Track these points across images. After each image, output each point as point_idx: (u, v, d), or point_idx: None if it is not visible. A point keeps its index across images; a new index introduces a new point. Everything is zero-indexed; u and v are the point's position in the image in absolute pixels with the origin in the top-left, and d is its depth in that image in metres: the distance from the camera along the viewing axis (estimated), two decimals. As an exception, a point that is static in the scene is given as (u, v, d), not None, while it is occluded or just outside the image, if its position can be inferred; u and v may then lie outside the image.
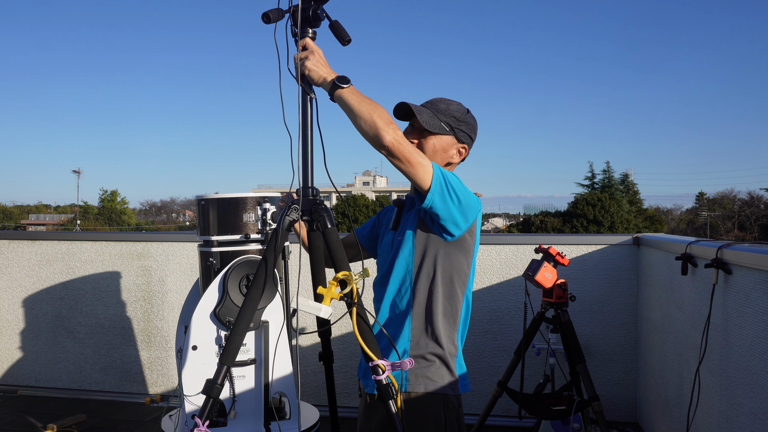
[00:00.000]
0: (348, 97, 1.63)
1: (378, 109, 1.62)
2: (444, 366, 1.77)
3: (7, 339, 4.52)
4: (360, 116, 1.61)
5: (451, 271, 1.78)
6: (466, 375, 1.85)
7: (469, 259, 1.81)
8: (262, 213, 2.55)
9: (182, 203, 79.18)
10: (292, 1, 1.73)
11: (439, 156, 1.84)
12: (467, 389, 1.83)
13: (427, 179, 1.62)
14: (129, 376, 4.33)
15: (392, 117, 1.66)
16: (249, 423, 2.37)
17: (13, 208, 74.82)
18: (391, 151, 1.59)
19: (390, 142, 1.58)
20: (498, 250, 3.89)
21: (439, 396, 1.75)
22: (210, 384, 1.66)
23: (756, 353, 2.03)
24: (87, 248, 4.41)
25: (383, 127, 1.58)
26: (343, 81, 1.65)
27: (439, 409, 1.75)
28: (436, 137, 1.82)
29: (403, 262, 1.79)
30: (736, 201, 54.11)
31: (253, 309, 1.68)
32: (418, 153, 1.63)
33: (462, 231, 1.75)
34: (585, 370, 2.99)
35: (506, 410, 3.76)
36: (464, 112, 1.87)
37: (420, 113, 1.80)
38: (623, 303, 3.75)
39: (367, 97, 1.64)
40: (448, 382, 1.77)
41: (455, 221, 1.71)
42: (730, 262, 2.24)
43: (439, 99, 1.88)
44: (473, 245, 1.81)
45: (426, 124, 1.80)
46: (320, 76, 1.68)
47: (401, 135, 1.61)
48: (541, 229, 35.04)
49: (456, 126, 1.84)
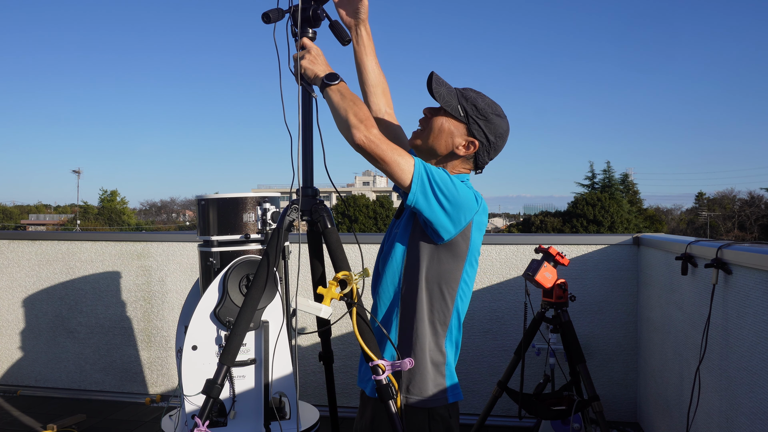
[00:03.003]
0: (332, 95, 1.60)
1: (356, 106, 1.56)
2: (429, 375, 1.66)
3: (7, 339, 4.52)
4: (338, 116, 1.57)
5: (440, 277, 1.65)
6: (458, 385, 1.72)
7: (461, 264, 1.66)
8: (262, 213, 2.55)
9: (182, 203, 79.20)
10: (292, 1, 1.74)
11: (444, 139, 1.70)
12: (459, 398, 1.70)
13: (406, 177, 1.54)
14: (129, 376, 4.33)
15: (370, 115, 1.57)
16: (249, 423, 2.37)
17: (13, 208, 74.81)
18: (363, 150, 1.52)
19: (360, 139, 1.51)
20: (498, 250, 3.89)
21: (424, 407, 1.65)
22: (210, 384, 1.66)
23: (756, 353, 2.03)
24: (87, 248, 4.41)
25: (355, 124, 1.52)
26: (332, 78, 1.62)
27: (424, 421, 1.64)
28: (446, 118, 1.69)
29: (395, 263, 1.70)
30: (736, 201, 54.10)
31: (253, 309, 1.68)
32: (394, 151, 1.54)
33: (452, 234, 1.61)
34: (585, 370, 2.99)
35: (506, 410, 3.76)
36: (492, 110, 1.71)
37: (438, 85, 1.67)
38: (623, 303, 3.75)
39: (353, 95, 1.60)
40: (433, 393, 1.66)
41: (442, 223, 1.58)
42: (730, 262, 2.24)
43: (474, 90, 1.73)
44: (467, 250, 1.66)
45: (440, 96, 1.67)
46: (314, 72, 1.66)
47: (376, 133, 1.53)
48: (541, 229, 35.04)
49: (472, 115, 1.68)
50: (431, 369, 1.67)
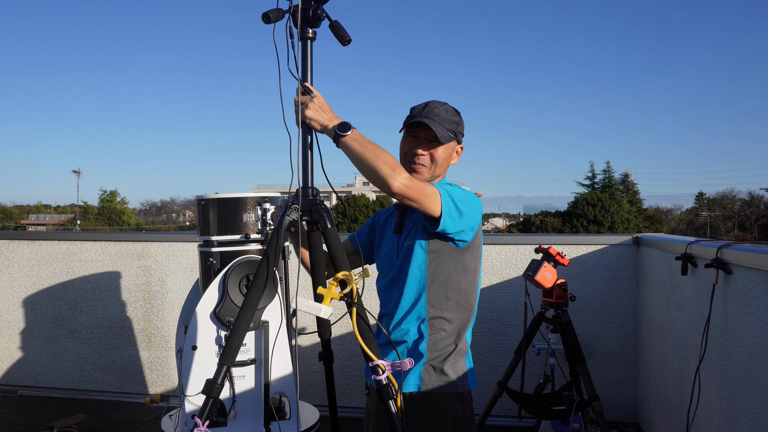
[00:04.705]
0: (351, 146, 1.63)
1: (382, 155, 1.62)
2: (459, 363, 1.82)
3: (7, 339, 4.52)
4: (365, 166, 1.62)
5: (465, 271, 1.82)
6: (474, 371, 1.89)
7: (478, 257, 1.87)
8: (262, 213, 2.55)
9: (182, 203, 79.22)
10: (292, 1, 1.73)
11: (446, 162, 1.87)
12: (475, 386, 1.87)
13: (437, 208, 1.67)
14: (129, 376, 4.33)
15: (396, 160, 1.65)
16: (249, 423, 2.37)
17: (13, 208, 74.82)
18: (402, 196, 1.62)
19: (399, 188, 1.60)
20: (498, 250, 3.89)
21: (454, 391, 1.80)
22: (210, 384, 1.66)
23: (756, 353, 2.03)
24: (87, 248, 4.41)
25: (389, 174, 1.60)
26: (344, 129, 1.64)
27: (456, 404, 1.79)
28: (444, 146, 1.84)
29: (416, 267, 1.80)
30: (736, 201, 54.11)
31: (253, 309, 1.68)
32: (424, 187, 1.65)
33: (472, 236, 1.81)
34: (585, 370, 2.99)
35: (506, 410, 3.76)
36: (455, 113, 1.88)
37: (435, 127, 1.79)
38: (623, 303, 3.75)
39: (370, 143, 1.65)
40: (463, 378, 1.82)
41: (465, 232, 1.77)
42: (730, 262, 2.24)
43: (434, 104, 1.86)
44: (480, 243, 1.87)
45: (442, 138, 1.81)
46: (322, 124, 1.68)
47: (407, 176, 1.63)
48: (541, 229, 35.04)
49: (456, 130, 1.86)
50: (461, 356, 1.83)
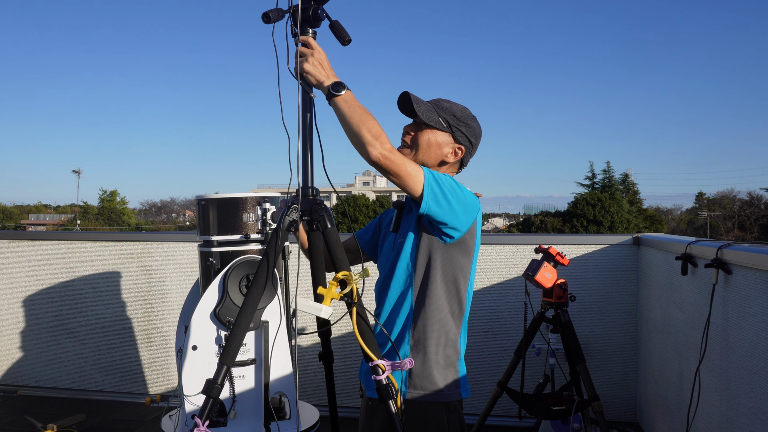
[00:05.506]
0: (341, 106, 1.61)
1: (368, 121, 1.59)
2: (449, 370, 1.75)
3: (7, 339, 4.52)
4: (350, 128, 1.60)
5: (455, 272, 1.76)
6: (467, 379, 1.82)
7: (470, 259, 1.79)
8: (262, 213, 2.55)
9: (182, 203, 79.23)
10: (292, 1, 1.73)
11: (433, 151, 1.81)
12: (468, 394, 1.79)
13: (418, 188, 1.62)
14: (129, 376, 4.33)
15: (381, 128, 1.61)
16: (249, 423, 2.37)
17: (13, 208, 74.81)
18: (379, 165, 1.59)
19: (377, 156, 1.57)
20: (498, 250, 3.89)
21: (441, 401, 1.74)
22: (210, 384, 1.66)
23: (756, 353, 2.03)
24: (87, 248, 4.41)
25: (370, 141, 1.57)
26: (338, 88, 1.62)
27: (442, 412, 1.73)
28: (431, 131, 1.80)
29: (404, 265, 1.77)
30: (736, 201, 54.11)
31: (253, 309, 1.68)
32: (407, 164, 1.61)
33: (461, 233, 1.73)
34: (585, 370, 2.99)
35: (506, 410, 3.76)
36: (467, 115, 1.85)
37: (418, 104, 1.77)
38: (623, 303, 3.75)
39: (360, 107, 1.62)
40: (452, 387, 1.75)
41: (452, 224, 1.69)
42: (730, 262, 2.24)
43: (443, 99, 1.86)
44: (474, 246, 1.79)
45: (423, 115, 1.77)
46: (318, 79, 1.65)
47: (389, 147, 1.59)
48: (541, 229, 35.03)
49: (454, 124, 1.81)
50: (451, 363, 1.76)
